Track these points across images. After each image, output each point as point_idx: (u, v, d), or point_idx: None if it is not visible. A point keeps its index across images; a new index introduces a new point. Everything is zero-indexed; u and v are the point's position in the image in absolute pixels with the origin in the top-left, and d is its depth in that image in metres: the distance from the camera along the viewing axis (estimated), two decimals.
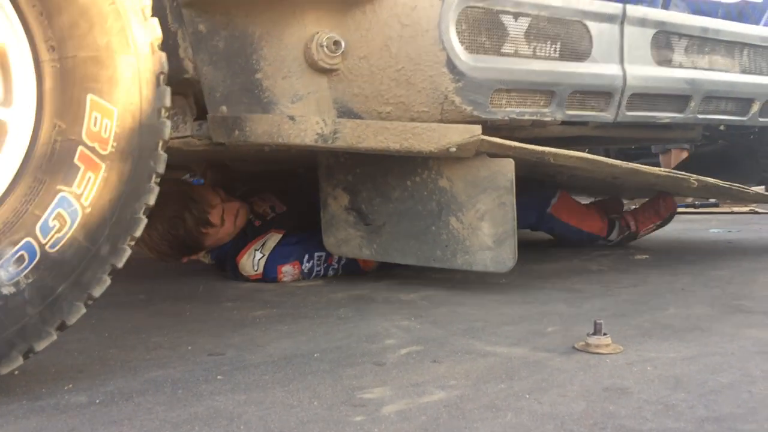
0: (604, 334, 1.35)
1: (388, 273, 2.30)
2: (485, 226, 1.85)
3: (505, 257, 1.84)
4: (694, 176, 2.33)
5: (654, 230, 3.02)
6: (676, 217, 3.21)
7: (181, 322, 1.65)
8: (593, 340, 1.34)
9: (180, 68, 1.66)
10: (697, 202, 5.23)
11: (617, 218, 2.95)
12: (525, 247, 2.36)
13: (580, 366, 1.24)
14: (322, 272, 2.27)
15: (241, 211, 2.27)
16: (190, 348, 1.40)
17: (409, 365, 1.26)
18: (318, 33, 1.62)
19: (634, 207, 3.22)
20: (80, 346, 1.41)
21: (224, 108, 1.67)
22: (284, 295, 1.98)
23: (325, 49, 1.61)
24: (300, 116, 1.63)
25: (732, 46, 2.32)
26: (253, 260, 2.19)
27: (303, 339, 1.46)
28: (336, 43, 1.62)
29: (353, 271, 2.31)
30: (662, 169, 2.31)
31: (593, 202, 3.20)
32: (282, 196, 2.44)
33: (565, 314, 1.67)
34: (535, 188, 2.66)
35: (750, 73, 2.39)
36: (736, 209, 4.98)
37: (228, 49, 1.63)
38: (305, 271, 2.22)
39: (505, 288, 2.04)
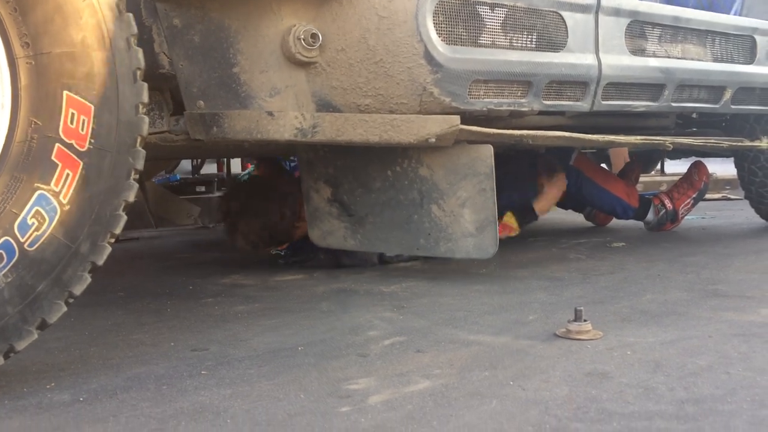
0: (585, 321, 1.37)
1: (366, 271, 2.31)
2: (467, 212, 1.86)
3: (488, 243, 1.85)
4: (669, 139, 2.38)
5: (693, 206, 3.03)
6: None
7: (161, 319, 1.64)
8: (574, 326, 1.36)
9: (155, 63, 1.65)
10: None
11: (650, 199, 2.99)
12: (501, 240, 2.39)
13: (562, 352, 1.25)
14: None
15: None
16: (172, 344, 1.39)
17: (393, 356, 1.26)
18: (295, 26, 1.61)
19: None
20: (61, 345, 1.40)
21: (201, 103, 1.66)
22: (266, 290, 1.98)
23: (303, 42, 1.60)
24: (278, 111, 1.62)
25: (704, 35, 2.35)
26: None
27: (287, 333, 1.46)
28: (313, 35, 1.61)
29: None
30: (638, 137, 2.35)
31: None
32: None
33: (546, 302, 1.69)
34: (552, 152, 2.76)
35: (722, 61, 2.42)
36: (709, 196, 5.05)
37: (204, 44, 1.62)
38: None
39: (486, 278, 2.05)
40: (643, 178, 5.24)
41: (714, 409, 0.97)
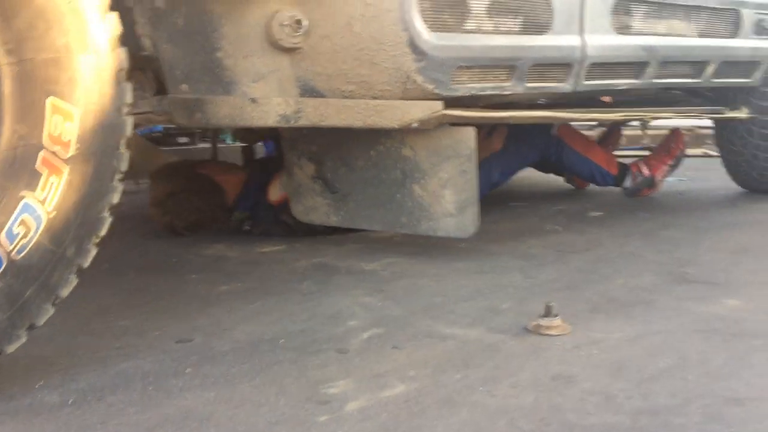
0: (555, 315, 1.43)
1: (347, 238, 2.34)
2: (448, 193, 1.90)
3: (468, 224, 1.90)
4: (650, 114, 2.43)
5: (669, 173, 3.08)
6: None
7: (146, 300, 1.68)
8: (544, 321, 1.42)
9: (138, 45, 1.64)
10: (653, 145, 5.35)
11: (628, 166, 3.04)
12: (483, 206, 2.44)
13: (532, 350, 1.31)
14: None
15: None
16: (157, 333, 1.44)
17: (371, 351, 1.32)
18: (279, 11, 1.60)
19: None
20: (48, 332, 1.42)
21: (185, 86, 1.66)
22: (248, 265, 2.02)
23: (287, 28, 1.60)
24: (262, 98, 1.63)
25: (689, 10, 2.35)
26: (280, 182, 2.34)
27: (267, 321, 1.51)
28: (298, 21, 1.60)
29: None
30: (619, 112, 2.38)
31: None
32: None
33: (520, 286, 1.75)
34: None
35: (706, 36, 2.43)
36: (689, 152, 5.10)
37: (187, 27, 1.61)
38: None
39: (464, 254, 2.10)
40: (625, 132, 5.28)
41: (667, 422, 1.03)
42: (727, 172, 3.15)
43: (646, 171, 3.05)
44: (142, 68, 1.72)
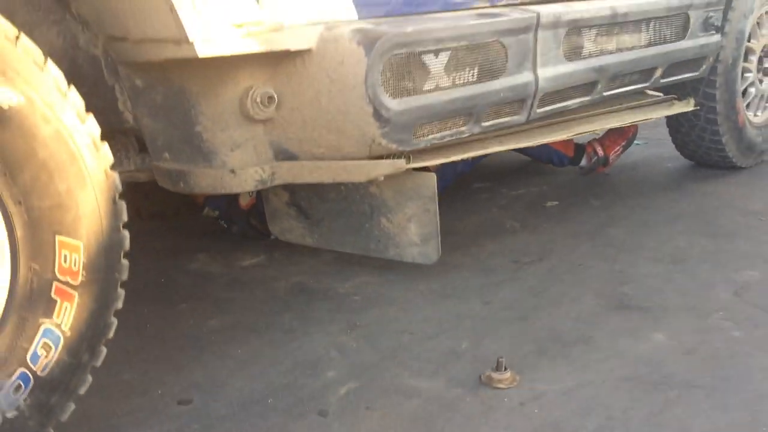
0: (505, 369, 1.66)
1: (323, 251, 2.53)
2: (412, 227, 2.10)
3: (431, 252, 2.11)
4: (598, 126, 2.61)
5: (622, 152, 3.32)
6: None
7: (144, 345, 1.87)
8: (495, 375, 1.65)
9: (120, 120, 1.76)
10: None
11: (583, 146, 3.24)
12: (447, 192, 2.67)
13: (483, 410, 1.55)
14: None
15: None
16: (159, 392, 1.65)
17: (347, 414, 1.55)
18: (252, 88, 1.71)
19: None
20: None
21: (167, 155, 1.79)
22: (232, 287, 2.21)
23: (260, 104, 1.72)
24: (240, 168, 1.77)
25: (639, 24, 2.47)
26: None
27: (255, 371, 1.73)
28: (270, 98, 1.72)
29: None
30: (570, 132, 2.55)
31: None
32: None
33: (477, 317, 1.97)
34: None
35: (655, 44, 2.56)
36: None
37: (166, 104, 1.72)
38: None
39: (428, 269, 2.28)
40: None
41: None
42: (676, 149, 3.35)
43: (600, 151, 3.25)
44: (125, 133, 1.84)
